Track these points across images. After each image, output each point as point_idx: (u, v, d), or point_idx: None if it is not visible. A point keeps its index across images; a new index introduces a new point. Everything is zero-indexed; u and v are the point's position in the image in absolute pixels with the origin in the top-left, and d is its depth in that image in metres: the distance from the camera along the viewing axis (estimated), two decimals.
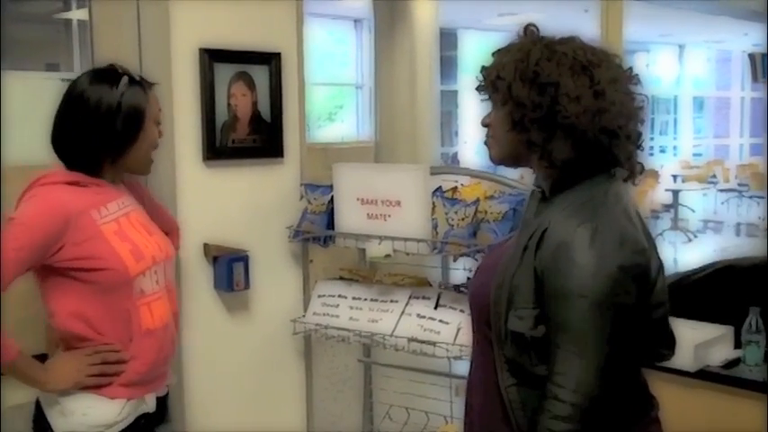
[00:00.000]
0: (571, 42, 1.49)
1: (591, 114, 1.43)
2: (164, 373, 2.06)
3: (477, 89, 1.57)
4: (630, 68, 1.53)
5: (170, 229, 2.27)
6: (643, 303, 1.46)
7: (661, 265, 1.52)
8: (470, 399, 1.65)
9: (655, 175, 11.22)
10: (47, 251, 1.83)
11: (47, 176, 1.91)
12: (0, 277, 1.76)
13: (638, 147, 1.52)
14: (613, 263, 1.38)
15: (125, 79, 1.93)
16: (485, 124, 1.57)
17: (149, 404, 2.00)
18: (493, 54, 1.54)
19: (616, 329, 1.39)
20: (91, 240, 1.86)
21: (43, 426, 1.93)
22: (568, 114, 1.42)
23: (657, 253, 1.53)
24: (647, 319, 1.49)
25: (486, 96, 1.56)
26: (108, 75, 1.93)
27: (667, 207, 11.28)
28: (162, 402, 2.07)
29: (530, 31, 1.54)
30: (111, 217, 1.92)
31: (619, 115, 1.45)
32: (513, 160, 1.56)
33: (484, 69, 1.54)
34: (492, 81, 1.51)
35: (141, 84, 1.96)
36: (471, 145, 12.38)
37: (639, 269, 1.43)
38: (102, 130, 1.90)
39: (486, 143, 1.59)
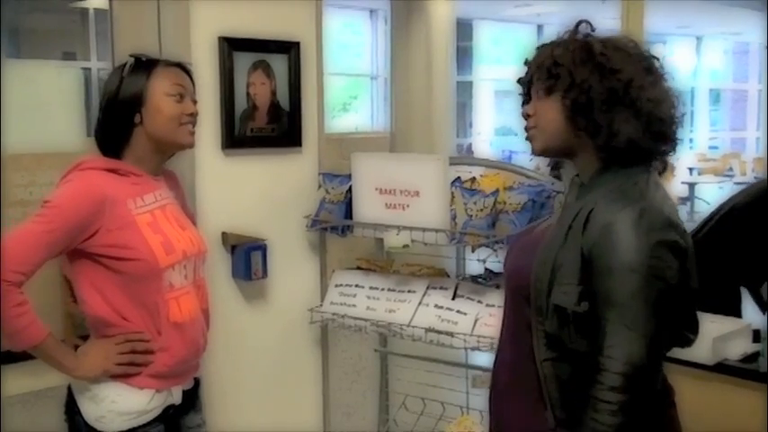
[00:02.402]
0: (622, 38, 1.56)
1: (655, 102, 1.51)
2: (193, 367, 2.08)
3: (518, 81, 1.62)
4: (666, 65, 1.59)
5: None
6: (684, 283, 1.51)
7: (693, 252, 1.57)
8: (497, 376, 1.70)
9: (671, 167, 11.15)
10: (80, 234, 1.84)
11: (86, 162, 1.94)
12: (30, 259, 1.79)
13: (679, 140, 1.60)
14: (659, 239, 1.45)
15: (130, 61, 1.97)
16: (528, 114, 1.61)
17: (175, 397, 2.02)
18: (538, 48, 1.59)
19: (662, 303, 1.45)
20: (124, 229, 1.88)
21: (73, 411, 1.95)
22: (646, 99, 1.50)
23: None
24: (686, 299, 1.54)
25: (526, 89, 1.61)
26: (124, 62, 1.99)
27: (683, 200, 11.22)
28: (190, 393, 2.09)
29: (582, 26, 1.58)
30: (146, 208, 1.93)
31: (671, 106, 1.54)
32: (559, 150, 1.61)
33: (530, 62, 1.59)
34: (548, 68, 1.55)
35: (145, 63, 1.98)
36: (485, 136, 12.33)
37: (683, 248, 1.49)
38: (108, 111, 1.96)
39: (527, 137, 1.63)
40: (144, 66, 1.97)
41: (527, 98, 1.62)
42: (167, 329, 1.95)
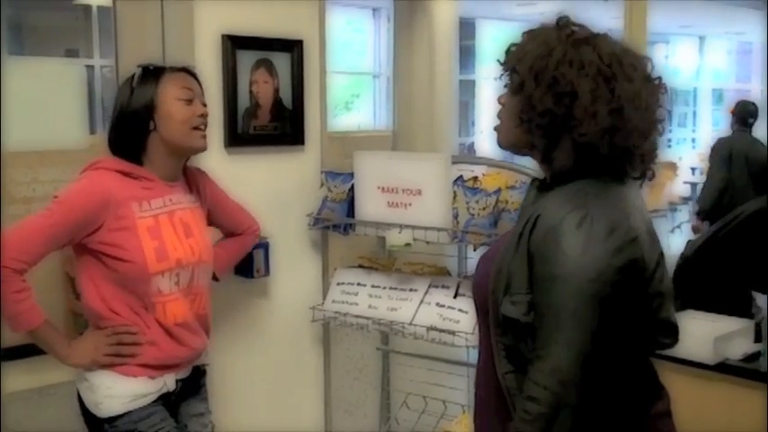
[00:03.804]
0: (599, 44, 1.44)
1: (603, 132, 1.40)
2: (187, 362, 2.13)
3: (499, 61, 1.54)
4: (659, 78, 1.49)
5: (243, 230, 2.37)
6: (639, 293, 1.43)
7: (661, 255, 1.50)
8: (477, 389, 1.65)
9: (673, 167, 11.14)
10: (82, 230, 1.91)
11: (101, 162, 2.01)
12: (29, 250, 1.88)
13: (652, 160, 1.49)
14: (600, 250, 1.36)
15: (138, 71, 2.04)
16: (501, 102, 1.55)
17: (169, 385, 2.07)
18: (522, 34, 1.51)
19: (601, 319, 1.37)
20: (123, 231, 1.95)
21: (82, 403, 2.04)
22: (585, 132, 1.40)
23: (658, 243, 1.51)
24: (643, 309, 1.46)
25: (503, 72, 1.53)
26: (132, 73, 2.06)
27: (686, 199, 11.20)
28: (188, 380, 2.15)
29: (562, 23, 1.48)
30: (150, 213, 2.00)
31: (633, 134, 1.42)
32: (516, 150, 1.57)
33: (512, 46, 1.51)
34: (510, 68, 1.49)
35: (153, 71, 2.04)
36: (488, 135, 12.34)
37: (628, 260, 1.39)
38: (121, 122, 2.03)
39: (495, 128, 1.57)
40: (152, 74, 2.03)
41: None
42: (155, 326, 2.02)
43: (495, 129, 1.56)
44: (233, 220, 2.35)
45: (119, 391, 1.98)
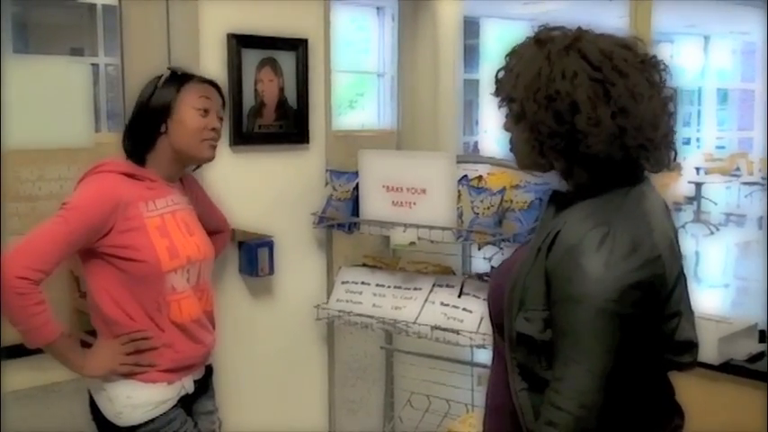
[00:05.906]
0: (584, 48, 1.38)
1: (612, 138, 1.35)
2: (202, 361, 2.14)
3: (493, 94, 1.49)
4: (654, 56, 1.43)
5: (222, 229, 2.40)
6: (655, 311, 1.39)
7: (681, 273, 1.46)
8: (487, 403, 1.61)
9: (677, 167, 11.12)
10: (95, 234, 1.91)
11: (104, 165, 2.01)
12: (48, 258, 1.86)
13: (671, 143, 1.44)
14: (621, 270, 1.32)
15: (166, 73, 2.05)
16: (506, 129, 1.51)
17: (188, 387, 2.08)
18: (505, 57, 1.46)
19: (621, 339, 1.33)
20: (134, 231, 1.94)
21: (97, 411, 2.03)
22: (591, 143, 1.36)
23: (680, 260, 1.47)
24: (659, 328, 1.42)
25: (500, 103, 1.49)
26: (160, 73, 2.07)
27: (690, 199, 11.20)
28: (202, 380, 2.16)
29: (540, 36, 1.43)
30: (156, 212, 2.00)
31: (643, 129, 1.37)
32: (539, 171, 1.52)
33: (499, 72, 1.47)
34: (506, 96, 1.45)
35: (179, 76, 2.06)
36: (492, 134, 12.34)
37: (650, 278, 1.35)
38: (138, 118, 2.05)
39: (511, 150, 1.53)
40: (177, 78, 2.05)
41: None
42: (169, 327, 2.01)
43: (512, 151, 1.52)
44: (215, 220, 2.37)
45: (139, 400, 1.97)
